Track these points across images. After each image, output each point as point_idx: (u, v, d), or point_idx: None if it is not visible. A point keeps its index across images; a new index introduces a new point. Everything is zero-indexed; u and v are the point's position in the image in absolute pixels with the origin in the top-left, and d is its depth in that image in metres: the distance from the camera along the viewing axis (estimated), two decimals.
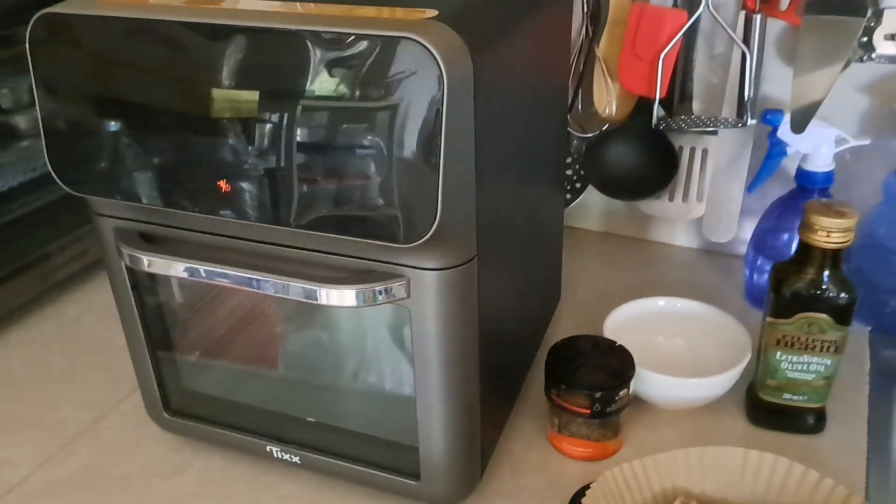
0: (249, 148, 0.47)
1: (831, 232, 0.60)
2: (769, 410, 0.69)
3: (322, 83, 0.44)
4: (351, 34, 0.43)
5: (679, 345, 0.76)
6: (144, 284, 0.61)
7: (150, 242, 0.55)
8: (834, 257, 0.62)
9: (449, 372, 0.53)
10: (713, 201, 0.89)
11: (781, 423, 0.69)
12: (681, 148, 0.92)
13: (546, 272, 0.77)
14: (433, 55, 0.42)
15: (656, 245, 1.01)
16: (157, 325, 0.64)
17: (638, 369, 0.68)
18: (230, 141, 0.47)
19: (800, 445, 0.68)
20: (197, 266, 0.52)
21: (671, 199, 0.93)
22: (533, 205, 0.67)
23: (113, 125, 0.50)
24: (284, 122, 0.46)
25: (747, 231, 0.89)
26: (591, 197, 1.02)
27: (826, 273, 0.62)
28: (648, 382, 0.69)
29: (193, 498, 0.64)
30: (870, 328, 0.83)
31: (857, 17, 0.72)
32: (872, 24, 0.75)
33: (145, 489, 0.65)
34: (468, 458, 0.58)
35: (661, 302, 0.77)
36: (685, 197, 0.92)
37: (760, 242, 0.85)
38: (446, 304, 0.50)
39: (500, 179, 0.54)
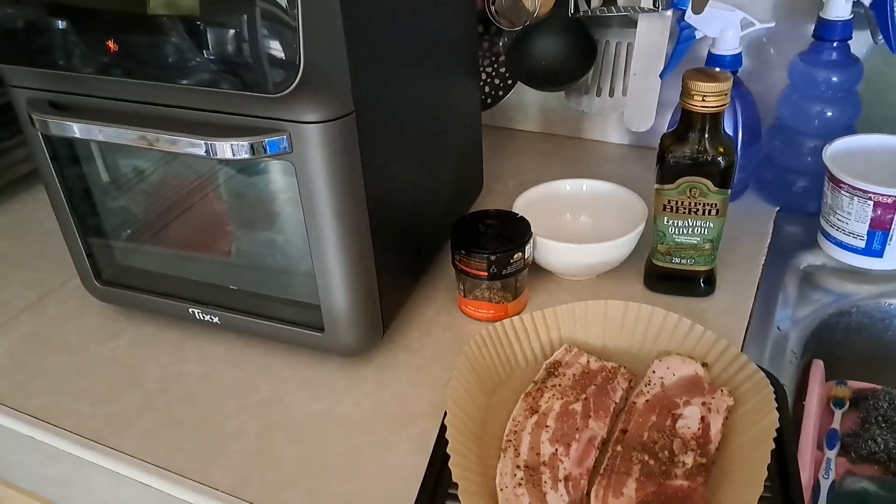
0: (133, 8, 0.51)
1: (706, 96, 0.64)
2: (662, 276, 0.74)
3: None
4: None
5: (584, 221, 0.81)
6: (64, 157, 0.65)
7: (59, 109, 0.59)
8: (713, 121, 0.65)
9: (338, 225, 0.58)
10: (634, 92, 0.93)
11: (674, 287, 0.74)
12: (607, 42, 0.95)
13: (463, 160, 0.81)
14: None
15: (589, 142, 1.05)
16: (82, 199, 0.68)
17: (539, 239, 0.73)
18: (114, 2, 0.51)
19: (690, 307, 0.73)
20: (96, 126, 0.56)
21: (598, 94, 0.96)
22: (436, 88, 0.70)
23: None
24: None
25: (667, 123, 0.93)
26: (528, 97, 1.06)
27: (706, 137, 0.66)
28: (549, 251, 0.73)
29: (125, 358, 0.70)
30: (778, 208, 0.87)
31: None
32: None
33: (82, 352, 0.71)
34: (367, 312, 0.64)
35: (567, 185, 0.81)
36: (611, 91, 0.96)
37: None
38: (327, 157, 0.55)
39: (383, 45, 0.58)
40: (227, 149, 0.54)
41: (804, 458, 0.65)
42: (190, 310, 0.68)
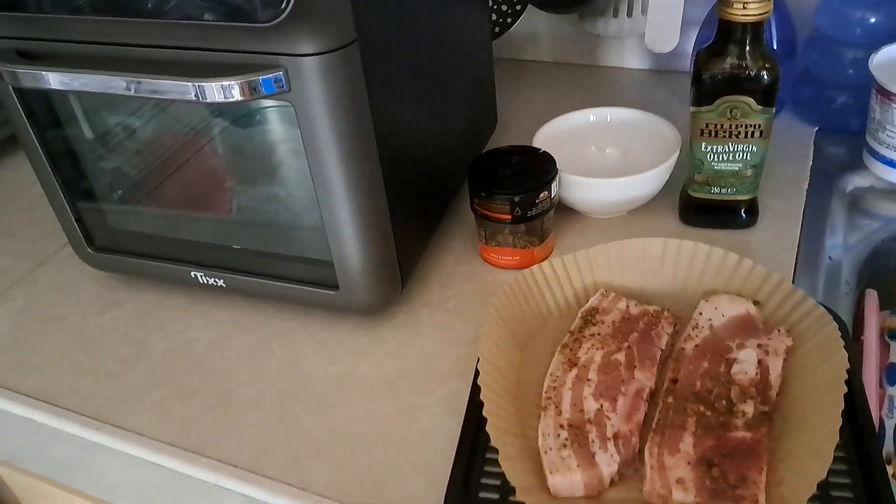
0: None
1: (748, 3, 0.57)
2: (700, 208, 0.68)
3: None
4: None
5: (611, 153, 0.74)
6: (42, 113, 0.59)
7: (29, 58, 0.53)
8: (754, 31, 0.59)
9: (347, 170, 0.52)
10: (655, 10, 0.85)
11: (713, 220, 0.68)
12: None
13: (475, 94, 0.74)
14: None
15: (607, 69, 0.98)
16: (66, 160, 0.62)
17: (564, 175, 0.67)
18: None
19: (731, 240, 0.67)
20: (71, 74, 0.50)
21: (615, 14, 0.89)
22: (443, 14, 0.64)
23: None
24: None
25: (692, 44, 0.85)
26: (539, 24, 0.98)
27: (747, 50, 0.59)
28: (576, 188, 0.67)
29: (127, 328, 0.65)
30: (817, 128, 0.80)
31: None
32: None
33: (81, 325, 0.66)
34: (384, 265, 0.58)
35: (591, 115, 0.75)
36: (630, 11, 0.88)
37: None
38: (330, 93, 0.49)
39: None
40: (216, 90, 0.48)
41: (869, 394, 0.60)
42: (192, 273, 0.63)
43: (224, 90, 0.47)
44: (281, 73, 0.48)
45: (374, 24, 0.51)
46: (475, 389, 0.51)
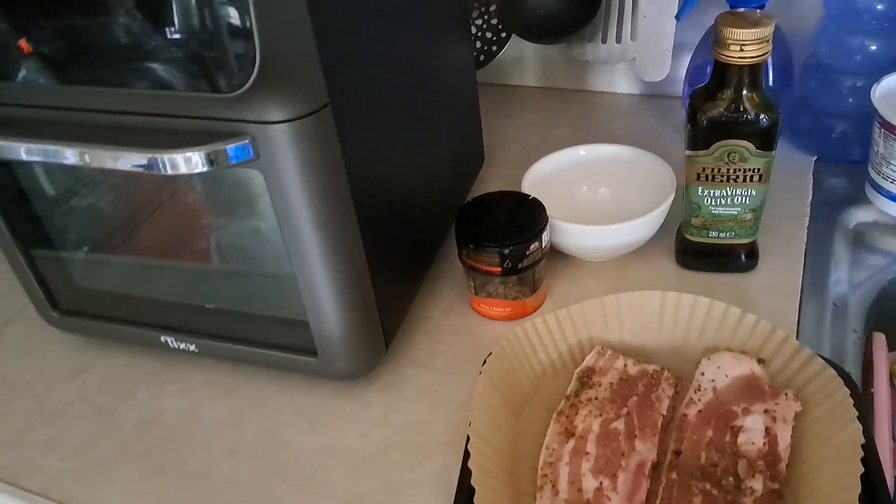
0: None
1: (745, 45, 0.54)
2: (697, 252, 0.65)
3: None
4: None
5: (604, 194, 0.71)
6: None
7: None
8: (752, 73, 0.55)
9: (322, 238, 0.48)
10: (645, 38, 0.82)
11: (711, 263, 0.65)
12: None
13: (460, 131, 0.71)
14: None
15: (596, 95, 0.94)
16: (25, 219, 0.59)
17: (555, 222, 0.63)
18: None
19: (731, 286, 0.64)
20: (18, 143, 0.46)
21: (604, 41, 0.86)
22: (423, 53, 0.60)
23: None
24: None
25: (685, 69, 0.82)
26: (526, 50, 0.95)
27: (744, 94, 0.56)
28: (568, 235, 0.64)
29: (96, 396, 0.61)
30: (815, 158, 0.77)
31: None
32: None
33: (46, 393, 0.62)
34: (365, 329, 0.55)
35: (582, 151, 0.71)
36: (618, 37, 0.85)
37: (696, 78, 0.78)
38: (301, 161, 0.45)
39: (356, 16, 0.48)
40: (179, 162, 0.44)
41: (883, 452, 0.56)
42: (162, 338, 0.60)
43: (187, 161, 0.44)
44: (248, 141, 0.44)
45: (349, 84, 0.47)
46: (465, 468, 0.47)
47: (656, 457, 0.50)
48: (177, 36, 0.40)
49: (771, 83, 0.75)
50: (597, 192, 0.71)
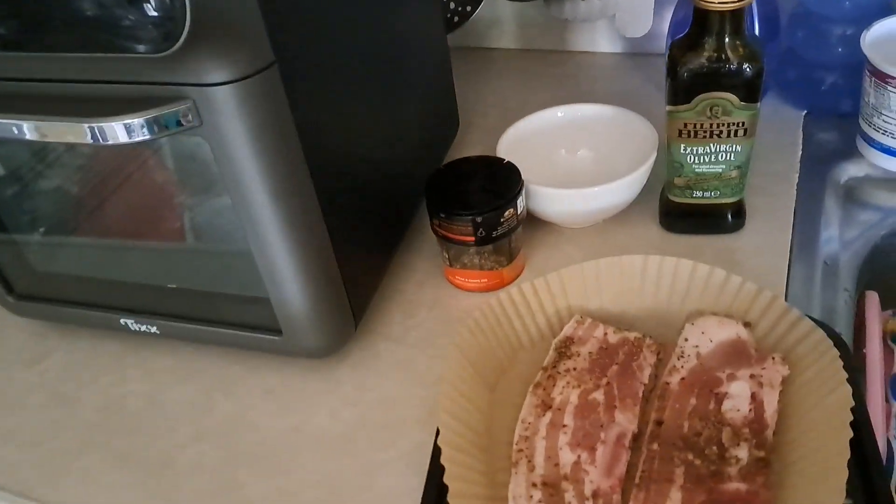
0: None
1: None
2: (682, 213, 0.62)
3: None
4: None
5: (583, 156, 0.68)
6: None
7: None
8: (734, 21, 0.52)
9: (275, 207, 0.45)
10: None
11: (696, 225, 0.62)
12: None
13: (430, 97, 0.68)
14: None
15: (577, 55, 0.91)
16: None
17: (532, 186, 0.60)
18: None
19: (717, 247, 0.61)
20: None
21: None
22: (386, 10, 0.57)
23: None
24: None
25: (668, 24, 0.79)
26: (503, 11, 0.91)
27: (726, 42, 0.53)
28: (545, 200, 0.61)
29: (57, 384, 0.59)
30: (805, 112, 0.74)
31: None
32: None
33: (6, 381, 0.60)
34: (331, 305, 0.52)
35: (559, 112, 0.68)
36: None
37: (678, 33, 0.75)
38: (247, 126, 0.42)
39: None
40: (118, 130, 0.41)
41: (875, 413, 0.54)
42: (122, 321, 0.57)
43: (124, 130, 0.41)
44: (188, 105, 0.41)
45: (297, 41, 0.44)
46: (437, 448, 0.45)
47: (637, 427, 0.47)
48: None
49: (757, 35, 0.72)
50: (576, 154, 0.68)
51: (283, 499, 0.48)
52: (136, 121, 0.41)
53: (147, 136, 0.41)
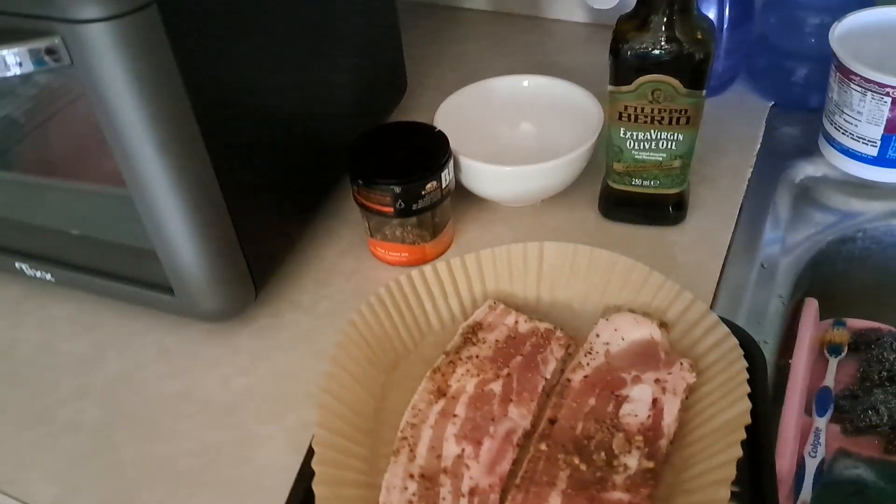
0: None
1: None
2: (621, 201, 0.59)
3: None
4: None
5: (525, 130, 0.64)
6: None
7: None
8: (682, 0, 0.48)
9: (158, 161, 0.42)
10: None
11: (636, 214, 0.59)
12: None
13: (370, 55, 0.64)
14: None
15: (549, 22, 0.87)
16: None
17: (464, 160, 0.57)
18: None
19: (654, 239, 0.58)
20: None
21: None
22: None
23: None
24: None
25: None
26: None
27: (673, 21, 0.49)
28: (478, 175, 0.58)
29: None
30: (772, 103, 0.71)
31: None
32: None
33: None
34: (227, 266, 0.49)
35: (506, 82, 0.64)
36: None
37: None
38: (122, 69, 0.39)
39: None
40: None
41: (788, 426, 0.52)
42: (17, 265, 0.54)
43: None
44: (56, 41, 0.37)
45: None
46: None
47: (531, 424, 0.45)
48: None
49: (727, 19, 0.67)
50: (517, 127, 0.64)
51: (155, 465, 0.46)
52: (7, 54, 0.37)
53: (9, 73, 0.37)
